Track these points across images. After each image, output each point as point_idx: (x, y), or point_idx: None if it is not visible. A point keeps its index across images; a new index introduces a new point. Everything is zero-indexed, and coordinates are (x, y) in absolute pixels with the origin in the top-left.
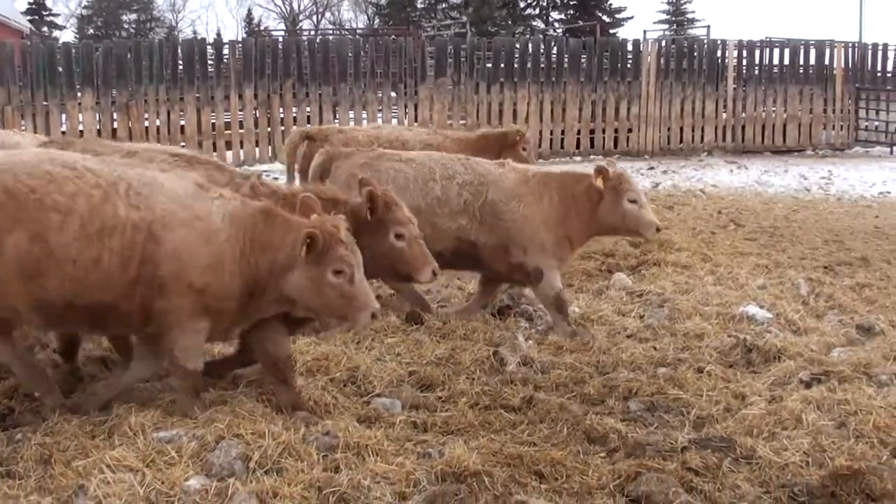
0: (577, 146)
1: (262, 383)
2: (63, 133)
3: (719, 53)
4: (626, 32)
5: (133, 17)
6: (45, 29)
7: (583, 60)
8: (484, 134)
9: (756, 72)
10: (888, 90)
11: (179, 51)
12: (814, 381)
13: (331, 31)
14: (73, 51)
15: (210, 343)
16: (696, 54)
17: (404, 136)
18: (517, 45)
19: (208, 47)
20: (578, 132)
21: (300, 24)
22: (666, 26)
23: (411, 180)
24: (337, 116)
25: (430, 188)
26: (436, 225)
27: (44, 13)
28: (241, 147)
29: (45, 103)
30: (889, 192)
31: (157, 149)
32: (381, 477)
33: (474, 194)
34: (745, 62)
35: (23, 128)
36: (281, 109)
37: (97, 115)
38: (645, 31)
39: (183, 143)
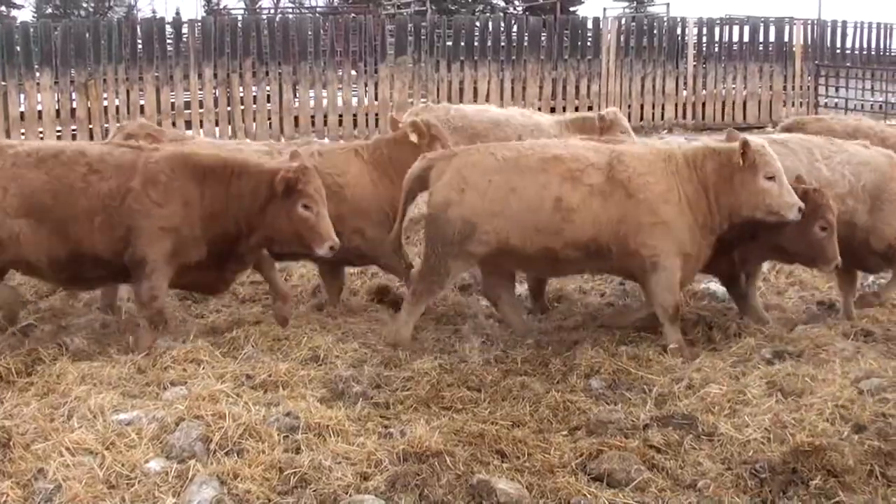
0: None
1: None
2: (21, 114)
3: (679, 31)
4: (586, 10)
5: None
6: (2, 8)
7: (543, 38)
8: None
9: (716, 49)
10: (847, 67)
11: (138, 30)
12: (775, 358)
13: (290, 10)
14: (32, 30)
15: None
16: (656, 32)
17: (887, 133)
18: (477, 24)
19: (167, 26)
20: (539, 110)
21: (259, 2)
22: (626, 4)
23: (797, 162)
24: (297, 95)
25: (817, 169)
26: None
27: None
28: (201, 126)
29: (2, 83)
30: None
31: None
32: (343, 457)
33: (855, 174)
34: (704, 39)
35: None
36: (240, 88)
37: (56, 95)
38: (605, 9)
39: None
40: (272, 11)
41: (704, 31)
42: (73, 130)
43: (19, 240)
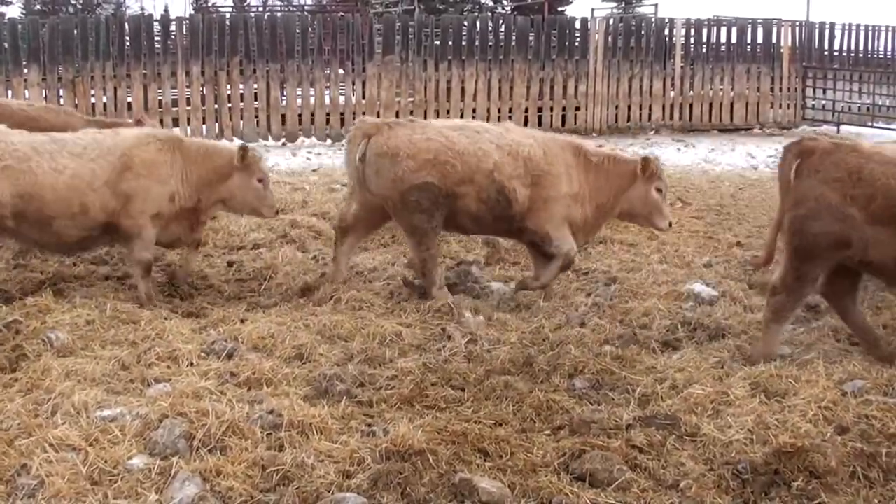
0: (525, 124)
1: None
2: None
3: (667, 32)
4: (574, 10)
5: None
6: None
7: (531, 38)
8: None
9: (703, 50)
10: (835, 69)
11: (126, 27)
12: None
13: (278, 8)
14: (20, 26)
15: None
16: (643, 32)
17: None
18: (465, 23)
19: (155, 23)
20: (526, 110)
21: (248, 0)
22: (614, 4)
23: None
24: (284, 93)
25: None
26: None
27: None
28: (188, 124)
29: None
30: None
31: None
32: (326, 455)
33: None
34: (692, 40)
35: None
36: (228, 86)
37: (43, 92)
38: (593, 10)
39: (130, 121)
40: (260, 9)
41: (692, 32)
42: None
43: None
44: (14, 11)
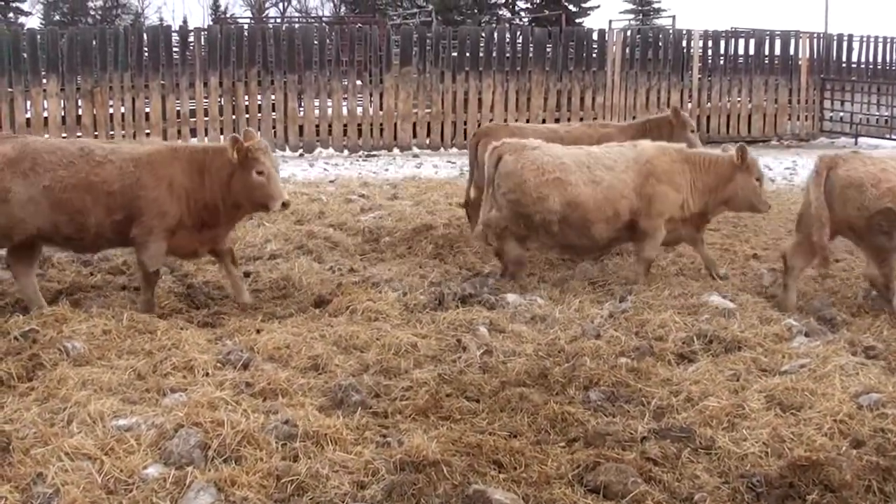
0: None
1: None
2: (27, 120)
3: (684, 43)
4: (591, 22)
5: (99, 3)
6: (10, 15)
7: (548, 50)
8: None
9: (721, 62)
10: (853, 81)
11: (145, 37)
12: (774, 372)
13: (296, 19)
14: (38, 37)
15: None
16: (661, 44)
17: None
18: (482, 34)
19: (173, 34)
20: (543, 121)
21: (266, 11)
22: (631, 16)
23: None
24: (302, 104)
25: None
26: None
27: None
28: (206, 134)
29: (9, 90)
30: None
31: None
32: (340, 466)
33: None
34: (710, 52)
35: None
36: (246, 97)
37: (62, 102)
38: (610, 21)
39: (147, 131)
40: (278, 20)
41: (710, 43)
42: (79, 137)
43: None
44: (33, 22)
